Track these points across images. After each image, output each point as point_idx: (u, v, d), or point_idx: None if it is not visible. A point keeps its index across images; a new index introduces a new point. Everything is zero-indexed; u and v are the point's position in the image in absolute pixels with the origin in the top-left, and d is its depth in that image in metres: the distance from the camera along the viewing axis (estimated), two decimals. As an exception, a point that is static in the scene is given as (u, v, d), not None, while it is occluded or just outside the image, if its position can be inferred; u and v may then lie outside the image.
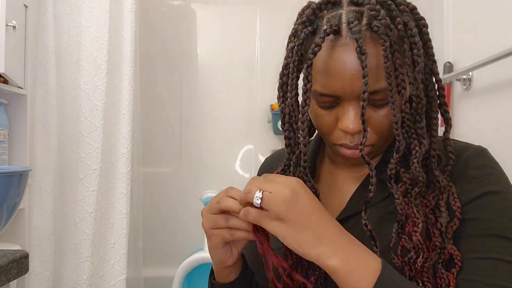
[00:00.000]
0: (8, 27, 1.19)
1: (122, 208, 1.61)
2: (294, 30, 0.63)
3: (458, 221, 0.58)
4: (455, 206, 0.59)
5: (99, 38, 1.57)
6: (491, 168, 0.61)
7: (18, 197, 0.85)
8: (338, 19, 0.58)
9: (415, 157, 0.59)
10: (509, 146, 1.29)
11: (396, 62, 0.57)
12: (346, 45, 0.57)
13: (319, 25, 0.60)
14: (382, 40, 0.56)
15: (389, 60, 0.56)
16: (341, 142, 0.62)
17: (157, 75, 2.29)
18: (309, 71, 0.58)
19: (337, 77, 0.58)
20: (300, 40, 0.60)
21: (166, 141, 2.32)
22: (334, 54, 0.58)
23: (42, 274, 1.42)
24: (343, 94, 0.58)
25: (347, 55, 0.57)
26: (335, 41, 0.58)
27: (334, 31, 0.57)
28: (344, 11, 0.59)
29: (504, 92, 1.35)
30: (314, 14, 0.61)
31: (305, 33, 0.60)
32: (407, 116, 0.59)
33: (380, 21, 0.56)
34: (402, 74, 0.58)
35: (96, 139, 1.55)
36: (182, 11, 2.33)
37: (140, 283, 2.03)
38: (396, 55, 0.57)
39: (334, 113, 0.61)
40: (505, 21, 1.34)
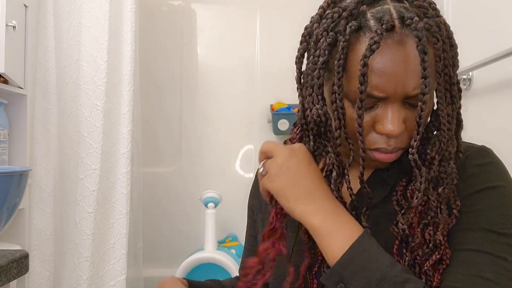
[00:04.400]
0: (8, 27, 1.19)
1: (122, 208, 1.61)
2: (327, 25, 0.58)
3: (455, 219, 0.58)
4: (455, 204, 0.59)
5: (99, 38, 1.57)
6: (491, 166, 0.60)
7: (18, 197, 0.85)
8: (389, 14, 0.55)
9: (450, 158, 0.58)
10: (509, 146, 1.29)
11: (445, 62, 0.56)
12: (401, 43, 0.54)
13: (362, 20, 0.56)
14: (435, 38, 0.54)
15: (441, 60, 0.54)
16: (377, 147, 0.59)
17: (157, 75, 2.29)
18: (365, 70, 0.53)
19: (391, 76, 0.54)
20: (346, 36, 0.55)
21: (166, 141, 2.32)
22: (387, 51, 0.54)
23: (42, 274, 1.42)
24: (393, 94, 0.55)
25: (403, 53, 0.54)
26: (387, 39, 0.54)
27: (391, 27, 0.53)
28: (391, 6, 0.56)
29: (504, 92, 1.35)
30: (357, 8, 0.57)
31: (351, 28, 0.55)
32: (449, 119, 0.58)
33: (430, 19, 0.55)
34: (447, 74, 0.57)
35: (96, 139, 1.55)
36: (182, 11, 2.33)
37: (140, 283, 2.03)
38: (445, 55, 0.56)
39: (371, 116, 0.58)
40: (505, 21, 1.34)
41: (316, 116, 0.60)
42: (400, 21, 0.54)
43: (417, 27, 0.53)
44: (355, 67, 0.55)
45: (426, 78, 0.52)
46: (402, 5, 0.56)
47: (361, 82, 0.54)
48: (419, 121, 0.55)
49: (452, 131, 0.59)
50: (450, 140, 0.59)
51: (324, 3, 0.61)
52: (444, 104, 0.58)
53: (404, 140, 0.59)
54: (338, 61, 0.56)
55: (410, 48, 0.54)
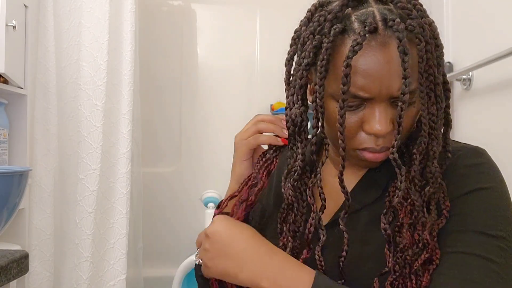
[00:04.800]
0: (8, 27, 1.19)
1: (122, 208, 1.61)
2: (313, 28, 0.59)
3: (445, 219, 0.58)
4: (444, 204, 0.59)
5: (99, 38, 1.57)
6: (483, 166, 0.60)
7: (18, 197, 0.85)
8: (372, 16, 0.56)
9: (434, 158, 0.59)
10: (509, 146, 1.29)
11: (428, 62, 0.56)
12: (384, 44, 0.55)
13: (347, 23, 0.57)
14: (418, 39, 0.55)
15: (423, 60, 0.55)
16: (365, 146, 0.60)
17: (157, 75, 2.29)
18: (348, 71, 0.54)
19: (375, 77, 0.55)
20: (331, 38, 0.56)
21: (166, 141, 2.32)
22: (371, 53, 0.55)
23: (42, 274, 1.42)
24: (379, 95, 0.56)
25: (386, 54, 0.55)
26: (370, 40, 0.55)
27: (374, 29, 0.54)
28: (375, 9, 0.57)
29: (504, 92, 1.35)
30: (341, 10, 0.58)
31: (335, 30, 0.56)
32: (433, 118, 0.59)
33: (413, 20, 0.55)
34: (432, 75, 0.57)
35: (96, 139, 1.55)
36: (182, 11, 2.33)
37: (140, 283, 2.03)
38: (428, 55, 0.56)
39: (359, 116, 0.59)
40: (505, 21, 1.34)
41: (294, 116, 0.62)
42: (383, 23, 0.55)
43: (398, 29, 0.54)
44: (340, 69, 0.56)
45: (406, 78, 0.53)
46: (386, 7, 0.57)
47: (343, 82, 0.55)
48: (399, 120, 0.55)
49: (437, 130, 0.59)
50: (435, 139, 0.59)
51: (312, 7, 0.62)
52: (427, 104, 0.58)
53: (392, 139, 0.59)
54: (321, 62, 0.57)
55: (393, 50, 0.55)
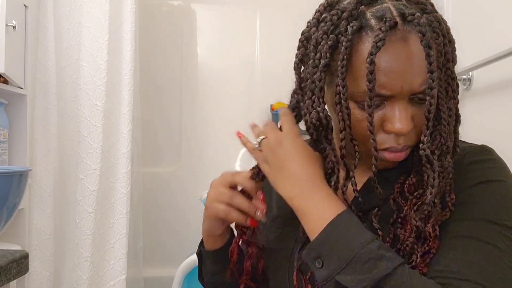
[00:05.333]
0: (8, 27, 1.19)
1: (122, 208, 1.61)
2: (327, 28, 0.57)
3: (449, 212, 0.57)
4: (449, 197, 0.58)
5: (99, 38, 1.57)
6: (491, 162, 0.60)
7: (18, 197, 0.85)
8: (389, 12, 0.55)
9: (447, 152, 0.58)
10: (509, 146, 1.29)
11: (446, 57, 0.56)
12: (404, 39, 0.54)
13: (363, 20, 0.56)
14: (436, 34, 0.54)
15: (442, 55, 0.55)
16: (386, 146, 0.58)
17: (157, 75, 2.29)
18: (372, 68, 0.53)
19: (397, 74, 0.54)
20: (349, 36, 0.55)
21: (166, 141, 2.32)
22: (391, 49, 0.54)
23: (42, 274, 1.42)
24: (400, 92, 0.55)
25: (407, 50, 0.54)
26: (390, 36, 0.54)
27: (394, 23, 0.53)
28: (390, 5, 0.56)
29: (504, 92, 1.35)
30: (356, 8, 0.57)
31: (352, 28, 0.55)
32: (450, 113, 0.58)
33: (430, 14, 0.55)
34: (449, 69, 0.57)
35: (96, 139, 1.55)
36: (182, 11, 2.33)
37: (140, 283, 2.03)
38: (447, 49, 0.56)
39: (378, 116, 0.57)
40: (505, 21, 1.34)
41: (315, 120, 0.59)
42: (402, 18, 0.54)
43: (419, 23, 0.53)
44: (360, 68, 0.55)
45: (432, 72, 0.52)
46: (400, 2, 0.56)
47: (369, 80, 0.54)
48: (429, 116, 0.54)
49: (451, 125, 0.59)
50: (449, 134, 0.58)
51: (321, 7, 0.61)
52: (445, 98, 0.58)
53: (413, 137, 0.59)
54: (342, 62, 0.55)
55: (413, 45, 0.54)
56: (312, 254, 0.55)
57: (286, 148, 0.61)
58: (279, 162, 0.61)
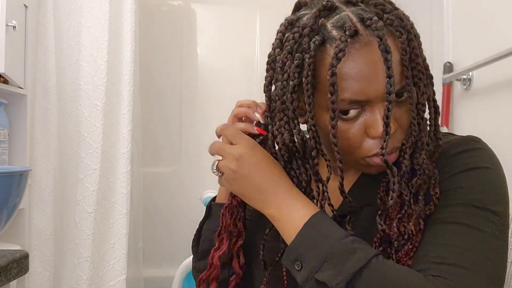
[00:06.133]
0: (8, 27, 1.19)
1: (122, 208, 1.61)
2: (290, 47, 0.57)
3: (433, 206, 0.57)
4: (434, 191, 0.58)
5: (99, 38, 1.57)
6: (479, 151, 0.59)
7: (18, 197, 0.85)
8: (349, 20, 0.55)
9: (422, 149, 0.58)
10: (509, 146, 1.29)
11: (413, 52, 0.55)
12: (368, 44, 0.54)
13: (325, 33, 0.55)
14: (399, 32, 0.54)
15: (407, 53, 0.54)
16: (374, 152, 0.57)
17: (157, 75, 2.29)
18: (334, 80, 0.53)
19: (368, 79, 0.54)
20: (312, 52, 0.55)
21: (166, 141, 2.31)
22: (357, 56, 0.54)
23: (42, 274, 1.42)
24: (376, 96, 0.55)
25: (373, 53, 0.54)
26: (354, 43, 0.54)
27: (354, 32, 0.53)
28: (348, 12, 0.56)
29: (504, 92, 1.35)
30: (316, 23, 0.56)
31: (315, 44, 0.55)
32: (423, 108, 0.58)
33: (390, 13, 0.55)
34: (418, 64, 0.56)
35: (96, 139, 1.55)
36: (182, 11, 2.33)
37: (140, 283, 2.03)
38: (412, 44, 0.55)
39: (360, 123, 0.57)
40: (505, 21, 1.34)
41: (288, 141, 0.60)
42: (362, 24, 0.54)
43: (377, 27, 0.53)
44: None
45: (390, 77, 0.52)
46: (359, 8, 0.56)
47: (331, 92, 0.54)
48: (386, 121, 0.54)
49: (424, 120, 0.59)
50: (423, 130, 0.59)
51: (282, 27, 0.61)
52: (416, 95, 0.57)
53: (400, 138, 0.58)
54: (306, 79, 0.55)
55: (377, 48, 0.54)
56: (291, 256, 0.56)
57: (246, 161, 0.60)
58: (243, 177, 0.60)
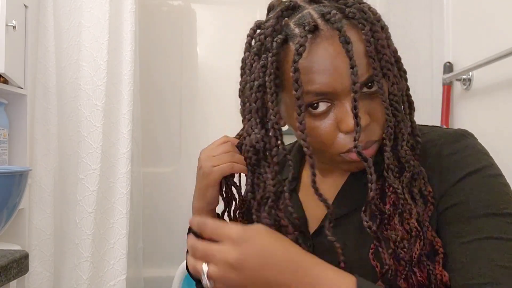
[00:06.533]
0: (8, 27, 1.19)
1: (122, 208, 1.61)
2: (256, 49, 0.58)
3: (431, 206, 0.56)
4: (427, 191, 0.57)
5: (99, 38, 1.57)
6: (468, 149, 0.59)
7: (18, 197, 0.85)
8: (309, 17, 0.55)
9: (402, 140, 0.57)
10: (509, 146, 1.29)
11: (379, 43, 0.55)
12: (330, 38, 0.54)
13: (287, 32, 0.56)
14: (361, 24, 0.54)
15: (371, 44, 0.54)
16: (349, 147, 0.56)
17: (157, 75, 2.29)
18: (297, 76, 0.54)
19: (334, 71, 0.54)
20: (274, 51, 0.56)
21: (166, 141, 2.31)
22: (319, 49, 0.54)
23: (42, 274, 1.42)
24: (342, 89, 0.54)
25: (335, 47, 0.54)
26: (315, 38, 0.54)
27: (314, 27, 0.54)
28: (310, 9, 0.56)
29: (504, 92, 1.35)
30: (278, 23, 0.57)
31: (277, 42, 0.55)
32: (396, 99, 0.57)
33: (352, 7, 0.55)
34: (385, 54, 0.56)
35: (96, 139, 1.55)
36: (182, 11, 2.33)
37: (140, 283, 2.03)
38: (378, 35, 0.55)
39: (331, 118, 0.56)
40: (505, 21, 1.34)
41: (255, 142, 0.59)
42: (323, 19, 0.55)
43: (335, 20, 0.53)
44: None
45: (353, 67, 0.52)
46: (321, 5, 0.57)
47: (295, 88, 0.54)
48: (355, 112, 0.53)
49: (401, 112, 0.58)
50: (401, 121, 0.58)
51: (250, 31, 0.62)
52: (386, 87, 0.57)
53: (376, 131, 0.57)
54: (269, 77, 0.56)
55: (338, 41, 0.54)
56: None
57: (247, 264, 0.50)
58: (252, 279, 0.50)
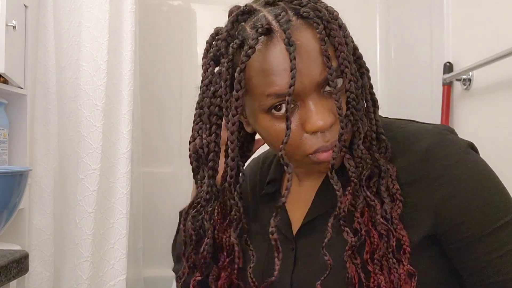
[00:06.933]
0: (8, 27, 1.19)
1: (122, 208, 1.61)
2: (213, 54, 0.59)
3: (400, 203, 0.56)
4: (394, 188, 0.56)
5: (99, 38, 1.57)
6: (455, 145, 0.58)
7: (18, 197, 0.85)
8: (264, 19, 0.55)
9: (358, 139, 0.57)
10: (509, 146, 1.29)
11: (335, 41, 0.54)
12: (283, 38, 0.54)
13: (244, 35, 0.56)
14: (315, 23, 0.53)
15: (326, 43, 0.53)
16: (315, 148, 0.56)
17: (157, 75, 2.29)
18: (241, 77, 0.54)
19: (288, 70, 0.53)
20: (230, 56, 0.55)
21: (166, 141, 2.31)
22: (274, 50, 0.53)
23: (42, 274, 1.42)
24: (303, 87, 0.53)
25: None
26: (271, 40, 0.54)
27: (267, 29, 0.53)
28: (265, 12, 0.56)
29: (504, 92, 1.35)
30: (234, 28, 0.57)
31: (233, 47, 0.55)
32: (352, 96, 0.55)
33: (306, 6, 0.54)
34: (343, 52, 0.54)
35: (96, 139, 1.55)
36: (182, 11, 2.33)
37: (140, 283, 2.03)
38: (334, 33, 0.54)
39: (295, 119, 0.56)
40: (505, 21, 1.34)
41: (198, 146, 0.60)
42: (277, 21, 0.54)
43: (283, 21, 0.53)
44: (255, 77, 0.55)
45: (291, 70, 0.51)
46: (276, 7, 0.56)
47: (236, 89, 0.54)
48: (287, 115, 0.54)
49: (359, 110, 0.57)
50: (359, 120, 0.57)
51: (209, 38, 0.62)
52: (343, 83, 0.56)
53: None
54: (225, 82, 0.56)
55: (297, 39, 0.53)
56: None
57: None
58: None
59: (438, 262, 0.58)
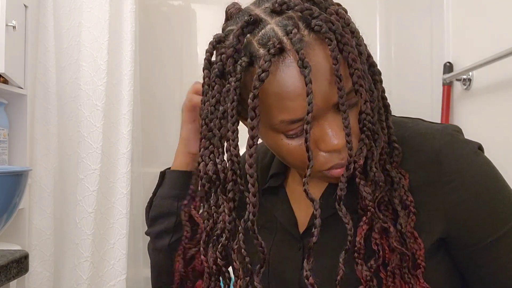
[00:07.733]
0: (8, 27, 1.19)
1: (122, 208, 1.61)
2: (218, 70, 0.54)
3: (414, 216, 0.54)
4: (408, 200, 0.55)
5: (99, 38, 1.57)
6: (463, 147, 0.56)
7: (18, 197, 0.85)
8: (274, 35, 0.50)
9: (372, 160, 0.54)
10: (509, 146, 1.29)
11: (349, 58, 0.50)
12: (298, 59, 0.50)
13: (252, 51, 0.51)
14: (328, 39, 0.49)
15: (338, 61, 0.49)
16: (330, 166, 0.54)
17: (157, 75, 2.29)
18: (255, 104, 0.50)
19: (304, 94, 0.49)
20: (238, 76, 0.51)
21: (166, 141, 2.31)
22: (288, 72, 0.49)
23: (42, 274, 1.42)
24: (317, 110, 0.51)
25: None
26: (284, 60, 0.50)
27: (279, 49, 0.49)
28: (273, 24, 0.51)
29: (504, 92, 1.35)
30: (240, 42, 0.52)
31: (241, 65, 0.51)
32: (368, 118, 0.52)
33: (318, 18, 0.50)
34: (358, 70, 0.51)
35: (96, 139, 1.55)
36: (182, 11, 2.33)
37: (140, 283, 2.03)
38: (347, 48, 0.50)
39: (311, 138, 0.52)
40: (505, 21, 1.34)
41: (212, 172, 0.56)
42: (288, 38, 0.50)
43: (295, 40, 0.49)
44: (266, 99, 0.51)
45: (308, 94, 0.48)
46: (284, 17, 0.51)
47: (251, 117, 0.50)
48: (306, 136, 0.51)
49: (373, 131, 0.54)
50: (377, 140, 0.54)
51: (209, 46, 0.57)
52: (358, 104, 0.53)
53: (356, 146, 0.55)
54: (231, 104, 0.51)
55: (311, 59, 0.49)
56: None
57: None
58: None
59: (444, 266, 0.57)
